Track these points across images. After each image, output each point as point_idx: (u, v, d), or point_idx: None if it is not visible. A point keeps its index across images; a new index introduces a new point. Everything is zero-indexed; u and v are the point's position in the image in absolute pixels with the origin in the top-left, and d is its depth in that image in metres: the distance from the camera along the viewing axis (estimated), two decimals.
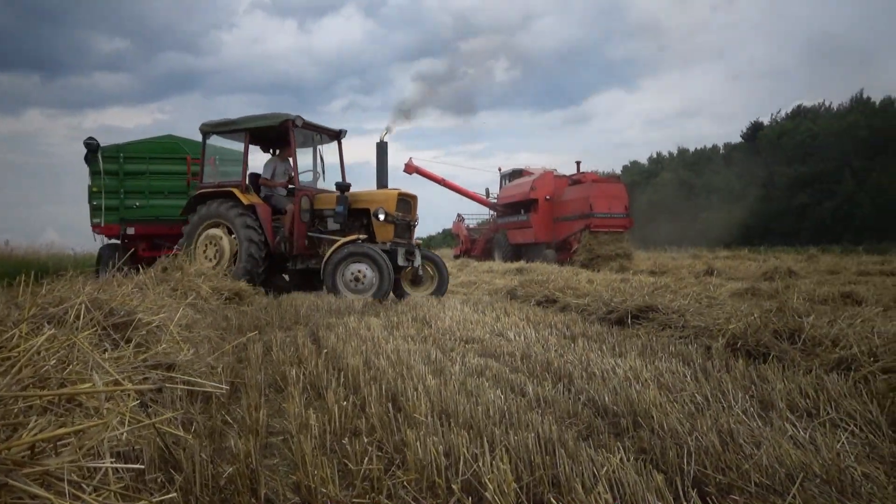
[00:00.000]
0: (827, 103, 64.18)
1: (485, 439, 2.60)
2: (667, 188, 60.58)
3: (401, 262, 10.04)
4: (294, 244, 10.60)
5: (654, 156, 78.48)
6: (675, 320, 5.69)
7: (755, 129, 65.88)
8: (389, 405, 3.28)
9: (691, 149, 74.48)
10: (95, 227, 13.83)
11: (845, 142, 55.32)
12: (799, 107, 64.84)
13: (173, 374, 3.34)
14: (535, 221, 25.10)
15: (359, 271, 9.46)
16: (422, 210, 11.85)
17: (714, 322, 5.23)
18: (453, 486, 2.25)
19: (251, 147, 11.35)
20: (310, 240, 10.70)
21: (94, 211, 13.78)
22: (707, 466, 2.33)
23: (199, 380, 3.38)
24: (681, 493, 2.18)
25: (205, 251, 10.88)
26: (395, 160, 54.07)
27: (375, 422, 3.03)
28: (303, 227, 10.60)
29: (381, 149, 11.30)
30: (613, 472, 2.25)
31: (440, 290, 10.67)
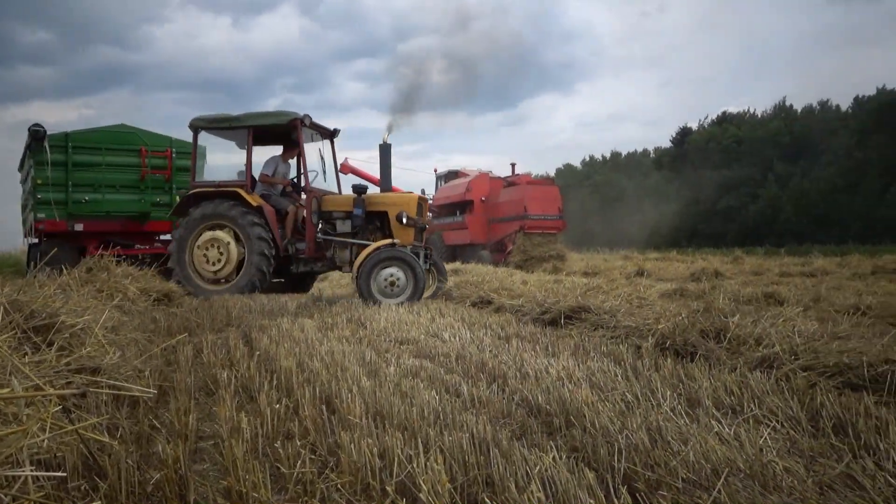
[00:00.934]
0: (752, 110, 66.43)
1: (419, 440, 2.60)
2: (599, 191, 61.78)
3: (422, 264, 9.51)
4: (306, 247, 10.36)
5: (588, 159, 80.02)
6: (607, 321, 5.80)
7: (684, 135, 67.75)
8: (323, 407, 3.25)
9: (623, 152, 76.15)
10: (39, 223, 12.77)
11: (769, 147, 57.40)
12: (724, 113, 66.94)
13: (98, 379, 3.23)
14: (470, 223, 25.21)
15: (391, 275, 8.94)
16: None
17: (644, 322, 5.34)
18: (387, 488, 2.24)
19: (220, 148, 11.27)
20: (317, 243, 10.38)
21: (40, 206, 12.69)
22: (637, 463, 2.37)
23: (125, 384, 3.28)
24: (611, 489, 2.22)
25: (205, 254, 10.39)
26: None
27: (309, 424, 2.99)
28: (313, 230, 10.25)
29: (385, 150, 10.85)
30: (546, 470, 2.28)
31: (440, 290, 10.12)
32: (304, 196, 10.87)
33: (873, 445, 2.47)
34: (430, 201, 30.16)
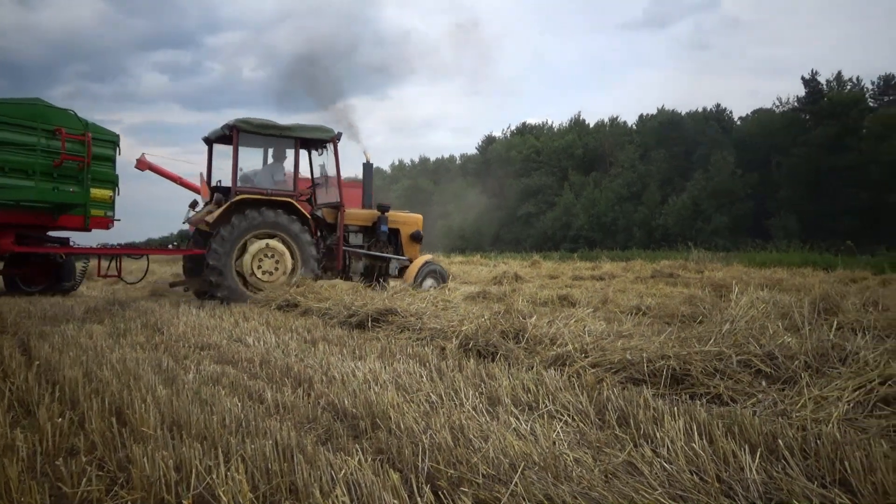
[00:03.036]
0: (550, 122, 70.46)
1: (219, 450, 2.50)
2: (406, 195, 62.81)
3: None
4: (335, 260, 10.94)
5: (396, 163, 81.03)
6: (413, 323, 5.90)
7: (488, 143, 70.55)
8: (113, 420, 3.02)
9: (432, 158, 77.98)
10: None
11: (564, 158, 61.24)
12: (525, 124, 70.50)
13: None
14: None
15: (431, 285, 10.60)
16: (155, 210, 11.24)
17: (449, 324, 5.49)
18: (184, 502, 2.13)
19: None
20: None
21: None
22: (440, 462, 2.43)
23: None
24: (415, 489, 2.25)
25: (259, 264, 10.15)
26: (128, 154, 49.77)
27: (96, 438, 2.78)
28: (342, 244, 11.04)
29: (368, 169, 11.72)
30: (351, 473, 2.27)
31: None
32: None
33: (651, 435, 2.69)
34: None
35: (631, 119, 65.23)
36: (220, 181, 10.98)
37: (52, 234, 11.46)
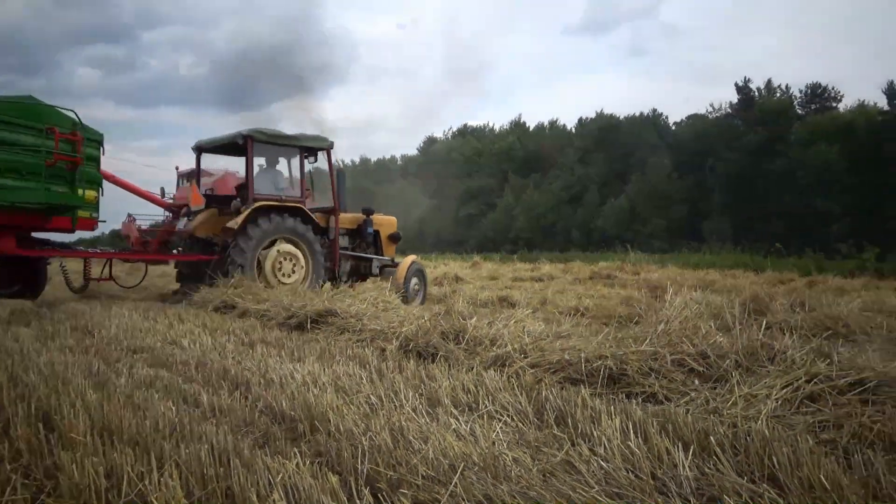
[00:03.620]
0: (491, 124, 70.97)
1: (152, 455, 2.44)
2: (348, 196, 62.26)
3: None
4: (334, 263, 11.33)
5: (339, 164, 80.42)
6: (353, 324, 5.86)
7: (429, 144, 70.66)
8: (40, 426, 2.91)
9: (373, 159, 77.68)
10: None
11: (505, 160, 61.76)
12: (465, 125, 70.84)
13: None
14: None
15: (416, 283, 11.39)
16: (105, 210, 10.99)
17: (389, 325, 5.48)
18: None
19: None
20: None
21: None
22: (379, 464, 2.42)
23: None
24: (354, 492, 2.24)
25: (279, 267, 10.51)
26: None
27: (22, 445, 2.68)
28: (337, 247, 11.48)
29: (341, 176, 12.21)
30: (289, 477, 2.24)
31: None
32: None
33: (589, 434, 2.73)
34: (171, 200, 28.49)
35: (570, 123, 66.29)
36: (211, 189, 11.57)
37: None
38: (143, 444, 2.65)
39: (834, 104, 54.27)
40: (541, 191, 57.55)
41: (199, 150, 11.66)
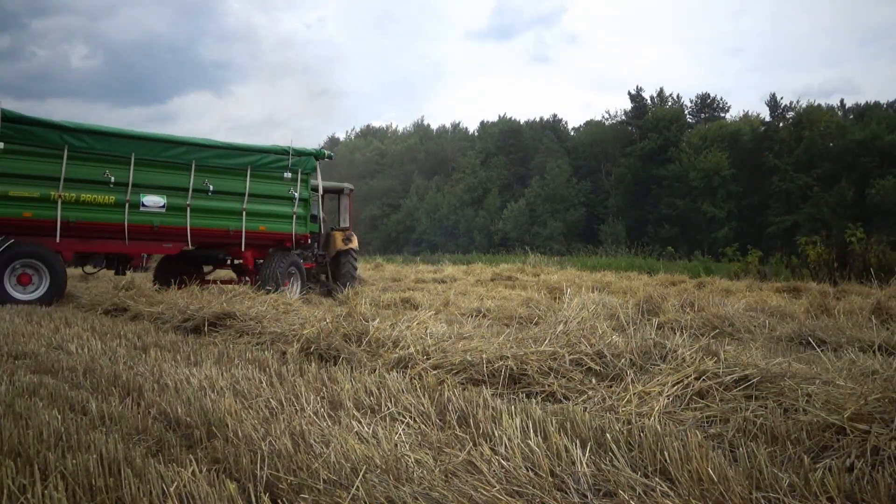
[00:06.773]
0: (394, 125, 70.99)
1: (36, 466, 2.31)
2: None
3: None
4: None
5: None
6: (253, 327, 5.74)
7: (332, 144, 70.04)
8: None
9: None
10: None
11: (408, 162, 61.88)
12: (368, 126, 70.59)
13: None
14: None
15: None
16: None
17: (290, 328, 5.39)
18: None
19: None
20: None
21: None
22: (280, 469, 2.37)
23: None
24: (253, 499, 2.18)
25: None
26: None
27: None
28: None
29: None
30: (184, 486, 2.17)
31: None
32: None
33: (490, 433, 2.77)
34: None
35: (472, 126, 67.07)
36: None
37: None
38: (26, 454, 2.51)
39: (721, 114, 57.22)
40: (443, 193, 57.99)
41: None
